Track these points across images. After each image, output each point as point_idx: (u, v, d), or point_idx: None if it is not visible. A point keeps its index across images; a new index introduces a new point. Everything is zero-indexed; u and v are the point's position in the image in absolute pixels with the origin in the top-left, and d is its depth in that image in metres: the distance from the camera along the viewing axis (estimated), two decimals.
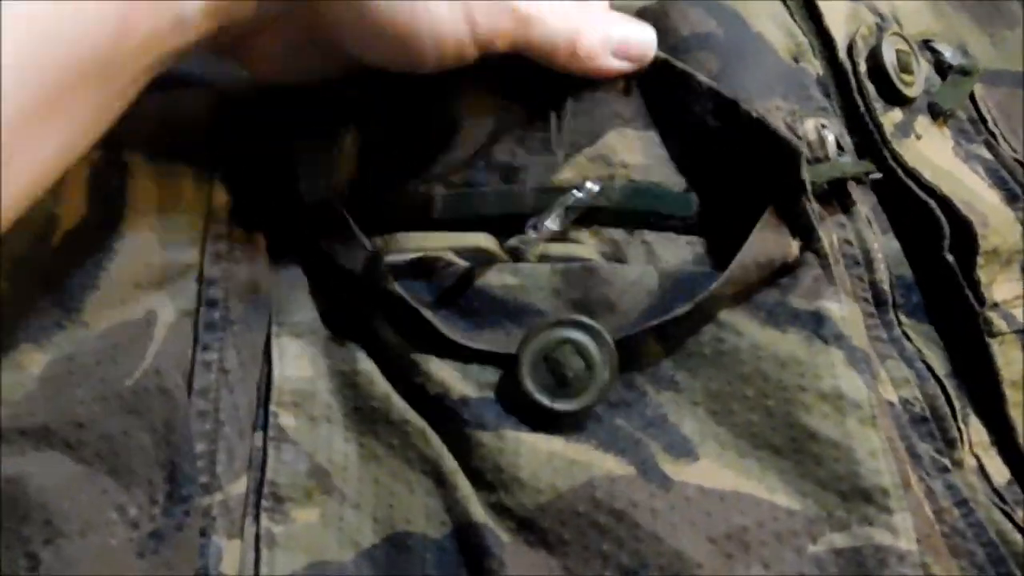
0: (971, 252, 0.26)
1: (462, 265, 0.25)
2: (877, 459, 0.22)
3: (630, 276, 0.24)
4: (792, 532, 0.22)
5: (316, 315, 0.25)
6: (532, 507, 0.22)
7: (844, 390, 0.23)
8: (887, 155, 0.28)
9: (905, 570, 0.21)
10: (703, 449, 0.23)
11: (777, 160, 0.25)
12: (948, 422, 0.25)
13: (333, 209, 0.25)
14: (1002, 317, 0.27)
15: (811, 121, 0.28)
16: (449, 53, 0.24)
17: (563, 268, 0.24)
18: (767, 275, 0.25)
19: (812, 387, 0.23)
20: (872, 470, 0.22)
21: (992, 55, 0.33)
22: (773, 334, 0.24)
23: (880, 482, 0.22)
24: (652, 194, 0.26)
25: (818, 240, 0.25)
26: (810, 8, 0.30)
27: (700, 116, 0.26)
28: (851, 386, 0.23)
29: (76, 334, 0.23)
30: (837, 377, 0.23)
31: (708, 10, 0.28)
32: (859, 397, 0.23)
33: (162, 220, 0.24)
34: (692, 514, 0.22)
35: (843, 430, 0.23)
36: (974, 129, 0.31)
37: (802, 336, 0.24)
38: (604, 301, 0.24)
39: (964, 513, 0.24)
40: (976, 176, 0.29)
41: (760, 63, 0.28)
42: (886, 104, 0.29)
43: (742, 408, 0.23)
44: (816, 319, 0.24)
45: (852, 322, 0.24)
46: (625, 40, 0.26)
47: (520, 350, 0.23)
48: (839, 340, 0.24)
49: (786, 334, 0.24)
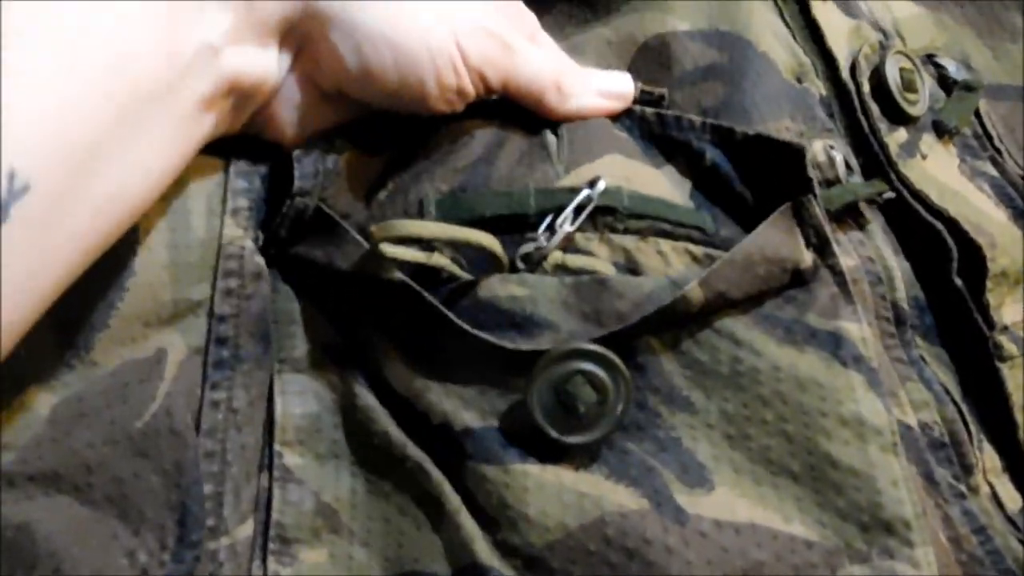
0: (980, 275, 0.26)
1: (465, 278, 0.24)
2: (899, 489, 0.22)
3: (643, 288, 0.24)
4: (811, 565, 0.22)
5: (316, 347, 0.25)
6: (540, 546, 0.22)
7: (865, 416, 0.23)
8: (893, 176, 0.28)
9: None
10: (718, 477, 0.23)
11: (783, 164, 0.25)
12: (966, 447, 0.25)
13: (325, 214, 0.25)
14: (1012, 340, 0.26)
15: (819, 143, 0.27)
16: (447, 82, 0.24)
17: (573, 280, 0.24)
18: (778, 281, 0.24)
19: (833, 412, 0.23)
20: (894, 500, 0.22)
21: (995, 69, 0.33)
22: (791, 353, 0.23)
23: (902, 513, 0.22)
24: (662, 202, 0.25)
25: (833, 255, 0.25)
26: (812, 28, 0.30)
27: (700, 151, 0.26)
28: (872, 411, 0.23)
29: (86, 374, 0.23)
30: (858, 401, 0.23)
31: (709, 41, 0.28)
32: (880, 423, 0.22)
33: (173, 256, 0.24)
34: (708, 551, 0.21)
35: (864, 458, 0.22)
36: (979, 145, 0.31)
37: (821, 357, 0.23)
38: (616, 314, 0.23)
39: (982, 540, 0.24)
40: (982, 194, 0.29)
41: (766, 84, 0.28)
42: (891, 124, 0.29)
43: (760, 432, 0.23)
44: (835, 340, 0.24)
45: (871, 343, 0.24)
46: (605, 81, 0.27)
47: (530, 381, 0.22)
48: (858, 363, 0.23)
49: (804, 353, 0.23)
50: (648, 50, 0.28)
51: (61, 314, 0.23)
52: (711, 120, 0.26)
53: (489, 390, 0.23)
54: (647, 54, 0.28)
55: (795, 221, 0.25)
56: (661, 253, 0.25)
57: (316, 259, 0.25)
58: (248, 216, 0.25)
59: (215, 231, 0.25)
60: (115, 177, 0.21)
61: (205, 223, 0.25)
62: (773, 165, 0.25)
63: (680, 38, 0.28)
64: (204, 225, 0.25)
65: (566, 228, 0.24)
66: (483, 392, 0.23)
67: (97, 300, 0.23)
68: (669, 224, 0.25)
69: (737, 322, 0.24)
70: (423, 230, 0.23)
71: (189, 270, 0.24)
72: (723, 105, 0.27)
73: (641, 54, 0.28)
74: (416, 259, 0.24)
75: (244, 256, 0.25)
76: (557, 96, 0.26)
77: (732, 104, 0.27)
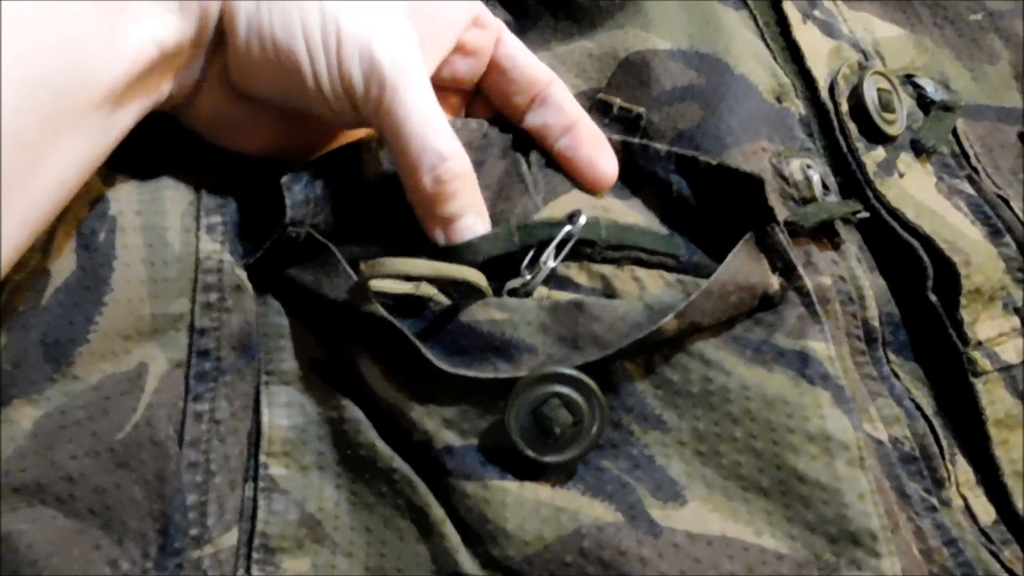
0: (955, 292, 0.27)
1: (446, 303, 0.25)
2: (865, 502, 0.22)
3: (617, 311, 0.24)
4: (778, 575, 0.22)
5: (304, 362, 0.25)
6: (519, 559, 0.22)
7: (831, 431, 0.23)
8: (870, 195, 0.28)
9: None
10: (691, 492, 0.23)
11: (745, 193, 0.25)
12: (937, 461, 0.25)
13: (316, 240, 0.25)
14: (986, 356, 0.27)
15: (796, 162, 0.28)
16: (321, 70, 0.24)
17: (550, 304, 0.25)
18: (748, 306, 0.25)
19: (800, 428, 0.23)
20: (861, 513, 0.22)
21: (974, 89, 0.33)
22: (760, 372, 0.24)
23: (869, 525, 0.22)
24: (638, 230, 0.26)
25: (799, 278, 0.25)
26: (792, 49, 0.30)
27: (666, 180, 0.27)
28: (838, 427, 0.23)
29: (68, 388, 0.23)
30: (825, 418, 0.23)
31: (688, 62, 0.29)
32: (847, 438, 0.23)
33: (151, 272, 0.24)
34: (681, 562, 0.22)
35: (831, 472, 0.23)
36: (957, 164, 0.31)
37: (788, 376, 0.24)
38: (592, 337, 0.24)
39: (953, 553, 0.24)
40: (959, 212, 0.29)
41: (744, 105, 0.28)
42: (868, 143, 0.29)
43: (730, 449, 0.23)
44: (802, 358, 0.24)
45: (838, 361, 0.24)
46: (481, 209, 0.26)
47: (509, 403, 0.23)
48: (825, 380, 0.24)
49: (773, 373, 0.24)
50: (628, 66, 0.29)
51: (44, 330, 0.23)
52: (676, 149, 0.27)
53: (470, 410, 0.24)
54: (627, 70, 0.29)
55: (759, 248, 0.25)
56: (637, 279, 0.26)
57: (306, 283, 0.25)
58: (223, 231, 0.25)
59: (192, 246, 0.25)
60: (49, 169, 0.21)
61: (181, 239, 0.25)
62: (737, 194, 0.26)
63: (660, 57, 0.29)
64: (180, 241, 0.25)
65: (550, 264, 0.25)
66: (464, 412, 0.24)
67: (77, 316, 0.24)
68: (645, 252, 0.26)
69: (708, 344, 0.24)
70: (412, 268, 0.24)
71: (168, 285, 0.25)
72: (699, 127, 0.27)
73: (621, 69, 0.29)
74: (404, 291, 0.25)
75: (223, 270, 0.25)
76: (431, 184, 0.24)
77: (708, 126, 0.27)
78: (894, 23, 0.34)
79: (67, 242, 0.24)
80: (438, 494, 0.23)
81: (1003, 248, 0.29)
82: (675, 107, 0.28)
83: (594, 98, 0.29)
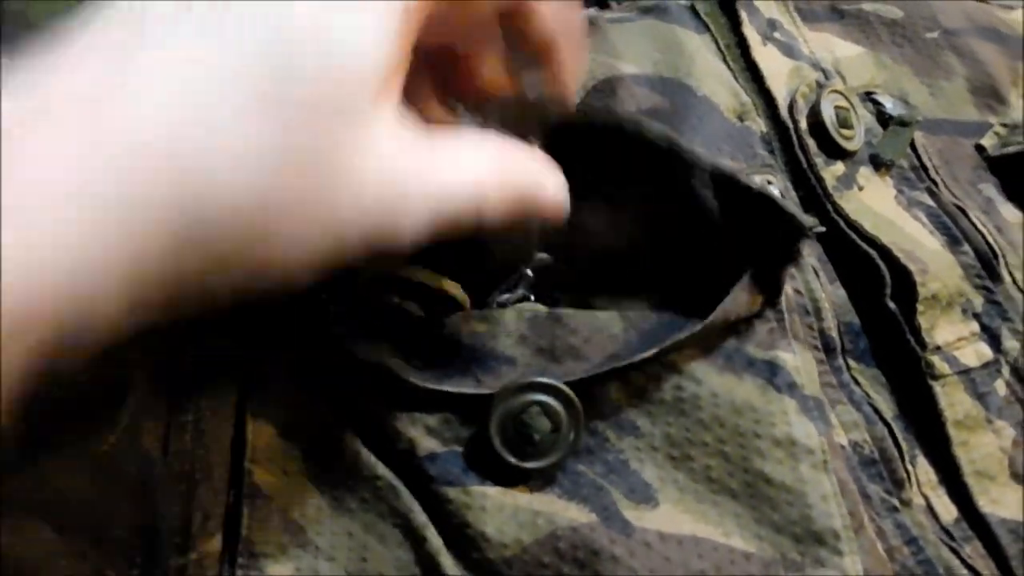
0: (912, 299, 0.28)
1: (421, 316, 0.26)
2: (828, 503, 0.23)
3: (595, 323, 0.25)
4: (747, 573, 0.23)
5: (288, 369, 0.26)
6: (499, 561, 0.23)
7: (796, 437, 0.24)
8: (829, 207, 0.29)
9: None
10: (663, 495, 0.24)
11: (773, 230, 0.25)
12: (896, 463, 0.26)
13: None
14: (944, 360, 0.28)
15: (757, 177, 0.29)
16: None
17: (530, 315, 0.25)
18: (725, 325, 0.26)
19: (767, 434, 0.24)
20: (824, 513, 0.23)
21: (932, 104, 0.35)
22: (730, 380, 0.25)
23: (832, 525, 0.23)
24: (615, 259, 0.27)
25: (779, 299, 0.26)
26: (752, 70, 0.32)
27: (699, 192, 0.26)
28: (803, 433, 0.24)
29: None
30: (790, 424, 0.24)
31: (653, 87, 0.30)
32: (811, 443, 0.24)
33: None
34: (652, 560, 0.23)
35: (796, 475, 0.24)
36: (916, 176, 0.32)
37: (757, 384, 0.25)
38: (569, 348, 0.25)
39: (914, 551, 0.25)
40: (918, 223, 0.31)
41: (707, 125, 0.29)
42: (828, 158, 0.30)
43: (700, 454, 0.24)
44: (771, 368, 0.25)
45: (804, 371, 0.25)
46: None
47: (491, 412, 0.24)
48: (792, 389, 0.25)
49: (743, 381, 0.25)
50: (597, 92, 0.30)
51: None
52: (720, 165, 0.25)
53: (452, 419, 0.25)
54: (596, 96, 0.30)
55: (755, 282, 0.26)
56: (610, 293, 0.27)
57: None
58: None
59: None
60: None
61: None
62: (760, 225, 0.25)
63: (626, 82, 0.30)
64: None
65: (523, 292, 0.26)
66: (446, 421, 0.25)
67: None
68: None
69: (681, 354, 0.25)
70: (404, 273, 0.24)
71: None
72: None
73: (591, 95, 0.30)
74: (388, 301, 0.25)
75: None
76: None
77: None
78: (854, 43, 0.35)
79: None
80: (421, 500, 0.24)
81: (961, 256, 0.30)
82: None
83: None
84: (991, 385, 0.28)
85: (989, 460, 0.27)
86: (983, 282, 0.30)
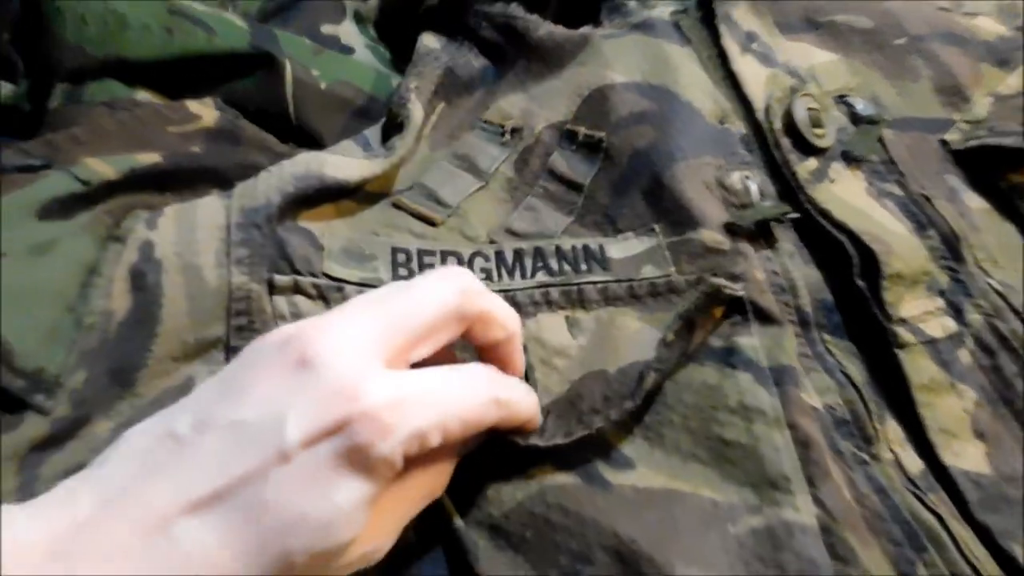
0: (877, 276, 0.31)
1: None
2: (780, 453, 0.27)
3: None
4: (715, 518, 0.26)
5: None
6: (499, 516, 0.27)
7: (749, 403, 0.28)
8: (803, 198, 0.33)
9: (807, 539, 0.25)
10: (639, 463, 0.28)
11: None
12: (865, 422, 0.29)
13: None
14: (910, 331, 0.31)
15: (736, 173, 0.32)
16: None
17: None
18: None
19: (723, 405, 0.28)
20: (775, 462, 0.27)
21: (901, 104, 0.38)
22: (693, 368, 0.29)
23: (783, 470, 0.26)
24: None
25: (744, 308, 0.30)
26: (732, 78, 0.35)
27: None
28: (756, 398, 0.28)
29: (133, 403, 0.28)
30: (743, 393, 0.28)
31: (642, 92, 0.34)
32: (764, 406, 0.28)
33: (192, 305, 0.29)
34: (628, 507, 0.26)
35: (751, 434, 0.27)
36: (886, 170, 0.35)
37: (716, 367, 0.29)
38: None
39: (882, 498, 0.28)
40: (886, 211, 0.34)
41: (691, 127, 0.33)
42: (801, 154, 0.34)
43: (670, 432, 0.28)
44: (728, 351, 0.29)
45: (764, 347, 0.29)
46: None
47: None
48: (747, 365, 0.28)
49: (704, 367, 0.29)
50: (591, 99, 0.33)
51: (111, 359, 0.28)
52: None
53: None
54: (590, 102, 0.33)
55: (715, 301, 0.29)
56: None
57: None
58: (250, 262, 0.30)
59: (224, 280, 0.29)
60: None
61: (215, 274, 0.29)
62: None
63: (617, 89, 0.33)
64: (214, 275, 0.29)
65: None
66: None
67: (136, 346, 0.28)
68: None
69: None
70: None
71: (206, 314, 0.29)
72: (652, 146, 0.32)
73: (586, 102, 0.34)
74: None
75: (251, 297, 0.29)
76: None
77: (660, 145, 0.32)
78: (829, 50, 0.39)
79: (123, 285, 0.29)
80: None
81: (928, 240, 0.33)
82: (632, 129, 0.33)
83: (563, 128, 0.34)
84: (955, 354, 0.31)
85: (952, 419, 0.30)
86: (948, 263, 0.33)
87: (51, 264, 0.27)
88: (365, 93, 0.38)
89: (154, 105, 0.35)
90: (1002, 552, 0.27)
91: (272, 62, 0.36)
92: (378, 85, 0.39)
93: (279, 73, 0.36)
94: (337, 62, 0.39)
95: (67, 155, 0.31)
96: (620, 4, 0.39)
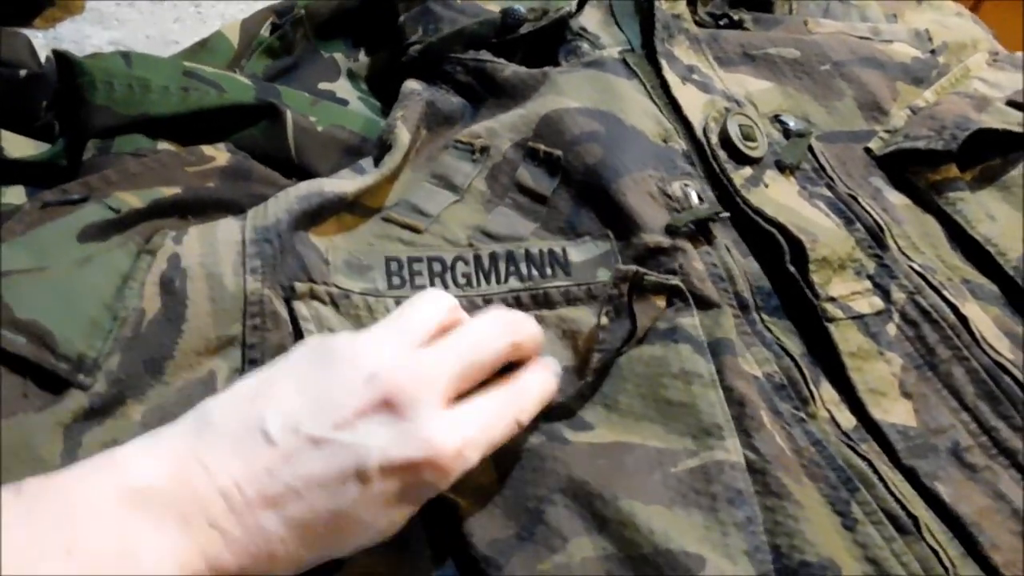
0: (805, 261, 0.35)
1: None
2: (714, 407, 0.31)
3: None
4: (659, 462, 0.30)
5: None
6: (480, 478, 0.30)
7: (688, 368, 0.32)
8: (739, 201, 0.37)
9: (736, 473, 0.29)
10: (599, 427, 0.32)
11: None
12: (801, 386, 0.33)
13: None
14: (838, 308, 0.35)
15: (677, 183, 0.37)
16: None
17: None
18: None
19: (667, 372, 0.32)
20: (710, 414, 0.31)
21: (829, 121, 0.43)
22: (643, 347, 0.33)
23: (716, 420, 0.31)
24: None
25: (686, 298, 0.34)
26: (673, 104, 0.40)
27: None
28: (695, 365, 0.32)
29: (162, 391, 0.31)
30: (684, 361, 0.32)
31: (592, 116, 0.39)
32: (701, 370, 0.32)
33: (214, 307, 0.33)
34: (584, 457, 0.30)
35: (689, 393, 0.32)
36: (817, 175, 0.40)
37: (662, 343, 0.33)
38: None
39: (819, 450, 0.32)
40: (816, 209, 0.38)
41: (635, 146, 0.38)
42: (736, 164, 0.39)
43: (624, 400, 0.32)
44: (672, 330, 0.33)
45: (701, 327, 0.33)
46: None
47: None
48: (688, 339, 0.33)
49: (652, 345, 0.33)
50: (548, 120, 0.38)
51: (144, 351, 0.32)
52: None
53: None
54: (547, 122, 0.38)
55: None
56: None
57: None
58: (263, 271, 0.34)
59: (240, 286, 0.34)
60: None
61: (233, 281, 0.34)
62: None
63: (571, 112, 0.39)
64: (232, 282, 0.34)
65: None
66: None
67: (165, 340, 0.32)
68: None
69: None
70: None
71: (225, 315, 0.33)
72: (601, 162, 0.37)
73: (543, 123, 0.39)
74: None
75: (263, 302, 0.33)
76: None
77: (607, 160, 0.37)
78: (764, 79, 0.44)
79: (155, 289, 0.33)
80: None
81: (855, 233, 0.38)
82: (583, 147, 0.38)
83: (525, 146, 0.39)
84: (882, 327, 0.35)
85: (881, 381, 0.34)
86: (874, 251, 0.37)
87: (91, 272, 0.32)
88: (357, 134, 0.44)
89: (173, 151, 0.40)
90: (928, 492, 0.31)
91: (275, 112, 0.42)
92: (368, 127, 0.44)
93: (281, 121, 0.42)
94: (332, 110, 0.45)
95: (101, 191, 0.36)
96: (575, 47, 0.45)
